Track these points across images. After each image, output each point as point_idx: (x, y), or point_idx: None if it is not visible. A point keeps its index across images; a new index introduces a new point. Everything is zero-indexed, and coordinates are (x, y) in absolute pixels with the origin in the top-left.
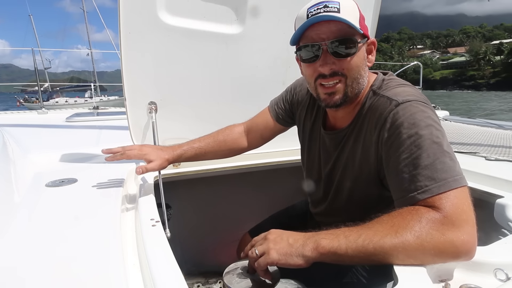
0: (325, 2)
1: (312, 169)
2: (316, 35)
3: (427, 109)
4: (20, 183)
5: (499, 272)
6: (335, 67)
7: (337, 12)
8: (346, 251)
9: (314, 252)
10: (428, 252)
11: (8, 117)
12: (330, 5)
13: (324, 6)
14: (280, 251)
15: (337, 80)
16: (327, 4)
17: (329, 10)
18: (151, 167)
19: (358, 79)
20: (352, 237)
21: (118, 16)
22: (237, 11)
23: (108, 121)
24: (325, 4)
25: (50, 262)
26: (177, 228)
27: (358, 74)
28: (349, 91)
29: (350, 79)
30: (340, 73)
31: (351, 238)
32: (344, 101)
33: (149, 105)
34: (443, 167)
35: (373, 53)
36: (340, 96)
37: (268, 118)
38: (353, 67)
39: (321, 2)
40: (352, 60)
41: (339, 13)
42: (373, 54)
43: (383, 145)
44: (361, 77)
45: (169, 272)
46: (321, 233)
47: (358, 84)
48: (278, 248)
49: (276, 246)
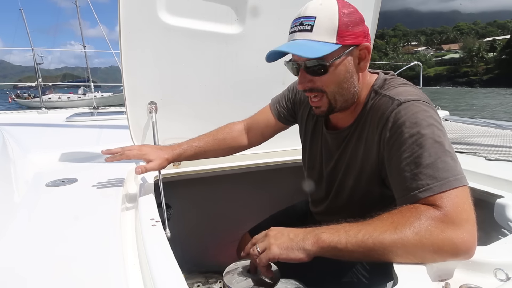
0: (302, 18)
1: (314, 169)
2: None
3: (429, 108)
4: (20, 183)
5: (499, 272)
6: (312, 84)
7: (309, 31)
8: (346, 245)
9: (315, 245)
10: (427, 249)
11: (8, 117)
12: (305, 23)
13: (300, 24)
14: (281, 246)
15: (316, 95)
16: (303, 21)
17: (303, 29)
18: (151, 166)
19: (341, 92)
20: (352, 231)
21: (118, 16)
22: (237, 11)
23: (108, 121)
24: (301, 21)
25: (50, 262)
26: (177, 228)
27: (338, 88)
28: (333, 103)
29: (330, 94)
30: (319, 89)
31: (351, 232)
32: (330, 112)
33: (149, 105)
34: (445, 166)
35: (367, 58)
36: (325, 109)
37: (269, 116)
38: (330, 84)
39: (299, 17)
40: (328, 77)
41: (311, 31)
42: (366, 60)
43: (385, 144)
44: (343, 89)
45: (169, 272)
46: (321, 227)
47: (341, 96)
48: (279, 243)
49: (277, 241)
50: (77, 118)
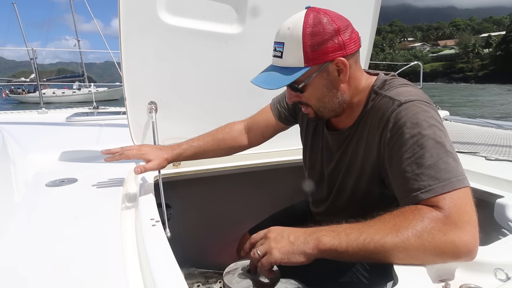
0: (275, 43)
1: (314, 169)
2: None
3: (430, 109)
4: (20, 183)
5: (499, 272)
6: (297, 98)
7: (280, 57)
8: (346, 249)
9: (315, 249)
10: (429, 252)
11: (8, 117)
12: (277, 49)
13: (274, 49)
14: (282, 250)
15: (305, 107)
16: (276, 47)
17: (275, 55)
18: (150, 166)
19: (323, 105)
20: (353, 235)
21: (118, 16)
22: (237, 11)
23: (108, 121)
24: (275, 46)
25: (50, 261)
26: (177, 228)
27: (320, 102)
28: (319, 113)
29: (314, 106)
30: (304, 102)
31: (352, 236)
32: (320, 119)
33: (149, 105)
34: (447, 167)
35: (345, 71)
36: (314, 117)
37: (269, 116)
38: (311, 98)
39: (275, 41)
40: (307, 94)
41: (281, 57)
42: (345, 72)
43: (386, 145)
44: (326, 102)
45: (169, 272)
46: (322, 229)
47: (325, 108)
48: (280, 247)
49: (278, 245)
50: (77, 118)
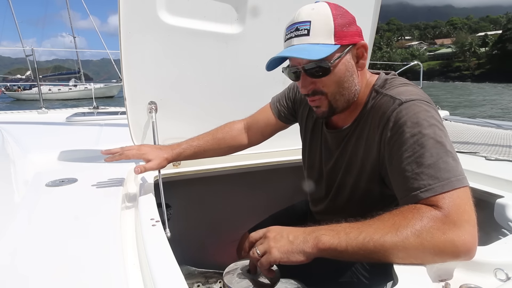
0: (297, 23)
1: (313, 168)
2: (293, 59)
3: (430, 108)
4: (20, 183)
5: (499, 272)
6: (314, 86)
7: (307, 35)
8: (346, 248)
9: (315, 248)
10: (428, 251)
11: (8, 117)
12: (301, 27)
13: (296, 29)
14: (281, 249)
15: (318, 98)
16: (298, 27)
17: (299, 34)
18: (150, 166)
19: (342, 92)
20: (352, 234)
21: (118, 16)
22: (237, 11)
23: (108, 121)
24: (296, 26)
25: (50, 262)
26: (177, 228)
27: (339, 88)
28: (333, 104)
29: (331, 95)
30: (320, 92)
31: (352, 235)
32: (331, 113)
33: (149, 105)
34: (446, 167)
35: (365, 56)
36: (325, 110)
37: (269, 115)
38: (331, 84)
39: (293, 24)
40: (330, 77)
41: (309, 35)
42: (364, 58)
43: (386, 144)
44: (344, 89)
45: (169, 272)
46: (321, 228)
47: (342, 96)
48: (279, 246)
49: (277, 244)
50: (77, 118)
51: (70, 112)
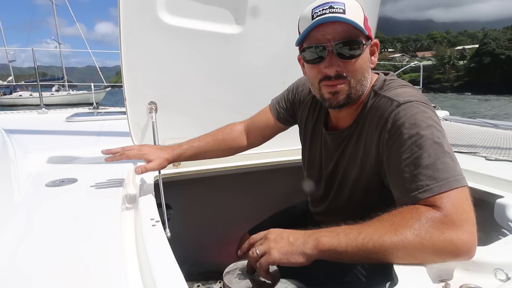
0: (331, 2)
1: (313, 169)
2: (322, 36)
3: (428, 109)
4: (20, 183)
5: (499, 272)
6: (340, 69)
7: (343, 13)
8: (346, 248)
9: (315, 250)
10: (427, 251)
11: (8, 117)
12: (336, 6)
13: (330, 7)
14: (281, 250)
15: (341, 83)
16: (333, 5)
17: (335, 11)
18: (151, 166)
19: (362, 81)
20: (352, 235)
21: (118, 16)
22: (237, 11)
23: (108, 121)
24: (330, 5)
25: (50, 262)
26: (177, 228)
27: (362, 76)
28: (353, 92)
29: (354, 81)
30: (345, 75)
31: (351, 236)
32: (347, 102)
33: (149, 105)
34: (444, 167)
35: (376, 54)
36: (344, 97)
37: (269, 117)
38: (357, 69)
39: (326, 2)
40: (357, 62)
41: (345, 14)
42: (375, 56)
43: (384, 145)
44: (364, 78)
45: (169, 272)
46: (321, 230)
47: (361, 86)
48: (279, 247)
49: (277, 245)
50: (77, 118)
51: (70, 112)
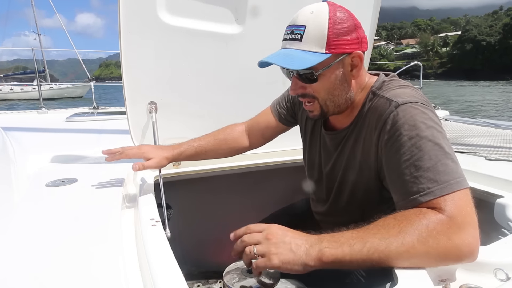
0: (293, 26)
1: (313, 169)
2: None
3: (427, 110)
4: (20, 183)
5: (499, 272)
6: (304, 90)
7: (299, 40)
8: (350, 260)
9: (317, 262)
10: (433, 258)
11: (8, 117)
12: (296, 31)
13: (291, 32)
14: (282, 258)
15: (309, 101)
16: (293, 30)
17: (293, 38)
18: (149, 164)
19: (332, 99)
20: (356, 246)
21: (118, 16)
22: (237, 11)
23: (108, 121)
24: (292, 29)
25: (49, 262)
26: (177, 228)
27: (330, 95)
28: (325, 109)
29: (321, 100)
30: (311, 95)
31: (356, 247)
32: (323, 116)
33: (149, 104)
34: (445, 169)
35: (359, 66)
36: (317, 113)
37: (270, 117)
38: (321, 90)
39: (291, 25)
40: (319, 84)
41: (301, 41)
42: (358, 68)
43: (383, 147)
44: (334, 96)
45: (169, 272)
46: (324, 239)
47: (332, 102)
48: (279, 254)
49: (278, 250)
50: (77, 118)
51: (70, 112)
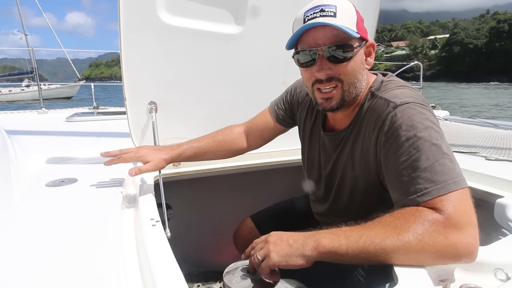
0: (322, 5)
1: (313, 170)
2: (313, 40)
3: (425, 110)
4: (20, 183)
5: (499, 272)
6: (331, 72)
7: (333, 16)
8: (346, 251)
9: (314, 251)
10: (429, 255)
11: (8, 117)
12: (327, 9)
13: (321, 10)
14: (280, 253)
15: (334, 85)
16: (324, 8)
17: (325, 15)
18: (145, 168)
19: (355, 83)
20: (353, 237)
21: (118, 16)
22: (237, 11)
23: (108, 121)
24: (321, 8)
25: (49, 262)
26: (177, 228)
27: (354, 79)
28: (346, 95)
29: (346, 84)
30: (337, 78)
31: (352, 238)
32: (341, 105)
33: (149, 104)
34: (443, 169)
35: (372, 55)
36: (337, 102)
37: (268, 118)
38: (349, 72)
39: (317, 5)
40: (349, 65)
41: (335, 17)
42: (372, 57)
43: (382, 147)
44: (358, 81)
45: (169, 272)
46: (321, 232)
47: (355, 88)
48: (278, 250)
49: (276, 248)
50: (77, 118)
51: (70, 112)
